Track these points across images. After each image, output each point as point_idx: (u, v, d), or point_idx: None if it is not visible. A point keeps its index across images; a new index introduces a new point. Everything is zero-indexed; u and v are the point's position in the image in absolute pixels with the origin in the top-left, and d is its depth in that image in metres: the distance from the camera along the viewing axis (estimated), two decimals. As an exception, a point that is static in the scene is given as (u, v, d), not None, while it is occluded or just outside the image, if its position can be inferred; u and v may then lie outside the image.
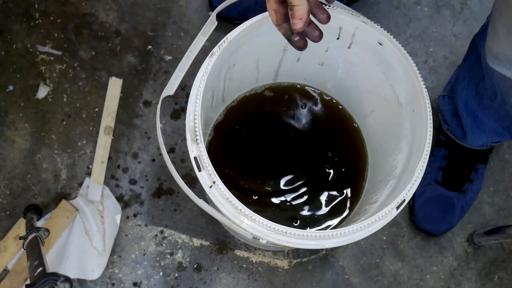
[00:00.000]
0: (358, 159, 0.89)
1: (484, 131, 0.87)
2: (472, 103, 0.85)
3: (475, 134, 0.88)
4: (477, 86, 0.83)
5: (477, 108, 0.85)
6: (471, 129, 0.88)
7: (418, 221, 0.95)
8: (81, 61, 1.00)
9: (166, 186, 0.95)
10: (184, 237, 0.93)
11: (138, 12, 1.03)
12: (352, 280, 0.94)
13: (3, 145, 0.95)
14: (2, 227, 0.92)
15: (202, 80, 0.64)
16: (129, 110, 0.98)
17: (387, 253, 0.96)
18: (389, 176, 0.76)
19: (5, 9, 1.01)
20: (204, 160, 0.60)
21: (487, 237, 0.93)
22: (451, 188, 0.95)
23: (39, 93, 0.98)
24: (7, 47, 0.99)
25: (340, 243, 0.60)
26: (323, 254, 0.95)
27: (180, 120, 0.98)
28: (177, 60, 1.01)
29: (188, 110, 0.63)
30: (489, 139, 0.88)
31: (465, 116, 0.87)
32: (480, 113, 0.85)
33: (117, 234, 0.91)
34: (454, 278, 0.96)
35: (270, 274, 0.93)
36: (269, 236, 0.59)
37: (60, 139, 0.96)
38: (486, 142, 0.90)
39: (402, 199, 0.62)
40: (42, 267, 0.60)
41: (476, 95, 0.84)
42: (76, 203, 0.92)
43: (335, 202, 0.87)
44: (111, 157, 0.95)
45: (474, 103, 0.85)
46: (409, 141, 0.71)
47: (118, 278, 0.91)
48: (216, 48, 0.65)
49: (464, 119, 0.88)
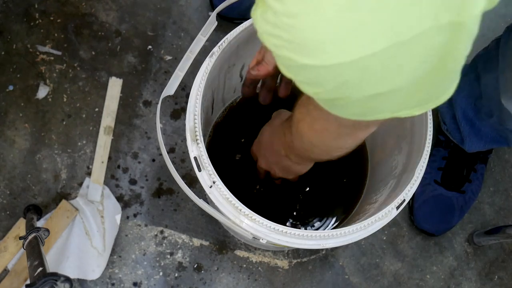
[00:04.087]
0: (358, 159, 0.89)
1: (482, 138, 0.87)
2: (470, 112, 0.86)
3: (472, 141, 0.89)
4: (475, 100, 0.84)
5: (474, 117, 0.85)
6: (469, 136, 0.88)
7: (417, 221, 0.95)
8: (81, 61, 1.00)
9: (166, 186, 0.95)
10: (184, 237, 0.93)
11: (138, 12, 1.03)
12: (352, 280, 0.94)
13: (3, 145, 0.95)
14: (2, 227, 0.92)
15: (202, 80, 0.64)
16: (129, 110, 0.98)
17: (387, 253, 0.96)
18: (389, 176, 0.76)
19: (5, 9, 1.01)
20: (204, 160, 0.60)
21: (487, 237, 0.93)
22: (451, 188, 0.95)
23: (39, 93, 0.98)
24: (7, 47, 0.99)
25: (340, 243, 0.60)
26: (323, 254, 0.95)
27: (180, 120, 0.98)
28: (177, 60, 1.01)
29: (188, 110, 0.63)
30: (486, 145, 0.89)
31: (463, 124, 0.88)
32: (478, 122, 0.85)
33: (117, 234, 0.91)
34: (454, 278, 0.96)
35: (270, 274, 0.93)
36: (269, 236, 0.59)
37: (60, 139, 0.96)
38: (483, 148, 0.90)
39: (402, 199, 0.62)
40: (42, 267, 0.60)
41: (474, 106, 0.85)
42: (76, 203, 0.92)
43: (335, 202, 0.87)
44: (111, 157, 0.95)
45: (472, 112, 0.85)
46: (409, 141, 0.71)
47: (118, 278, 0.91)
48: (216, 48, 0.65)
49: (463, 126, 0.88)
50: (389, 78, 0.33)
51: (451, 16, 0.30)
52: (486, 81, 0.78)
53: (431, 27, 0.30)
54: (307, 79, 0.36)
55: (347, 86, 0.35)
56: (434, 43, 0.31)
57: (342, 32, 0.31)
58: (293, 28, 0.33)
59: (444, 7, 0.29)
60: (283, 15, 0.33)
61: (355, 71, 0.33)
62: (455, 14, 0.30)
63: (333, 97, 0.37)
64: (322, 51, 0.32)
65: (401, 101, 0.36)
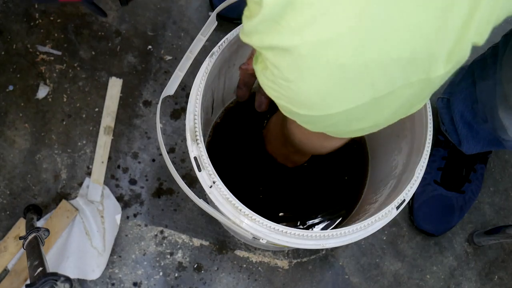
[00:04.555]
0: (358, 159, 0.89)
1: (479, 141, 0.87)
2: (468, 115, 0.86)
3: (470, 143, 0.89)
4: (473, 104, 0.84)
5: (472, 120, 0.86)
6: (467, 138, 0.88)
7: (417, 221, 0.95)
8: (81, 61, 1.00)
9: (166, 186, 0.95)
10: (184, 237, 0.93)
11: (138, 12, 1.03)
12: (352, 280, 0.94)
13: (3, 145, 0.95)
14: (2, 227, 0.92)
15: (202, 80, 0.64)
16: (129, 110, 0.98)
17: (387, 253, 0.96)
18: (389, 176, 0.76)
19: (5, 9, 1.01)
20: (204, 160, 0.60)
21: (487, 237, 0.93)
22: (450, 188, 0.95)
23: (39, 93, 0.98)
24: (7, 47, 0.99)
25: (340, 243, 0.60)
26: (323, 254, 0.95)
27: (180, 120, 0.98)
28: (177, 60, 1.01)
29: (188, 110, 0.63)
30: (484, 148, 0.89)
31: (460, 127, 0.88)
32: (475, 125, 0.85)
33: (117, 234, 0.91)
34: (454, 278, 0.96)
35: (270, 274, 0.93)
36: (269, 236, 0.59)
37: (60, 139, 0.96)
38: (481, 150, 0.90)
39: (402, 199, 0.62)
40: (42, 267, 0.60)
41: (472, 110, 0.85)
42: (76, 203, 0.92)
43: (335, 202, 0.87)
44: (111, 157, 0.95)
45: (470, 115, 0.85)
46: (409, 141, 0.71)
47: (118, 278, 0.91)
48: (216, 48, 0.65)
49: (460, 129, 0.88)
50: (369, 119, 0.42)
51: (419, 76, 0.37)
52: (482, 88, 0.79)
53: (403, 85, 0.37)
54: (301, 120, 0.45)
55: (335, 125, 0.43)
56: (405, 95, 0.39)
57: (333, 93, 0.38)
58: (289, 90, 0.40)
59: (415, 71, 0.37)
60: (280, 79, 0.39)
61: (341, 117, 0.41)
62: (423, 74, 0.37)
63: (323, 131, 0.46)
64: (315, 107, 0.40)
65: (378, 126, 0.45)
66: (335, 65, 0.36)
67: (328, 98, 0.39)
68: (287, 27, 0.35)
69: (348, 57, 0.35)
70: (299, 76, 0.38)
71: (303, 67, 0.37)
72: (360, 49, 0.35)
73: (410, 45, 0.35)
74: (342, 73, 0.36)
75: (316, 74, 0.37)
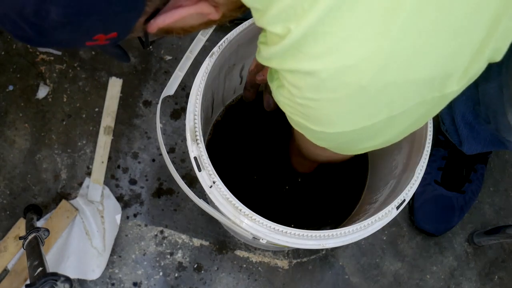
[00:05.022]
0: (358, 159, 0.89)
1: (480, 142, 0.87)
2: (470, 116, 0.86)
3: (471, 144, 0.89)
4: (474, 105, 0.84)
5: (474, 121, 0.85)
6: (467, 139, 0.88)
7: (417, 221, 0.95)
8: (81, 61, 1.00)
9: (166, 186, 0.95)
10: (184, 237, 0.93)
11: (138, 12, 1.03)
12: (352, 280, 0.94)
13: (3, 145, 0.95)
14: (2, 227, 0.92)
15: (202, 80, 0.64)
16: (129, 110, 0.98)
17: (387, 253, 0.96)
18: (389, 176, 0.76)
19: (5, 9, 1.01)
20: (204, 160, 0.60)
21: (487, 237, 0.93)
22: (451, 188, 0.95)
23: (39, 93, 0.98)
24: (7, 47, 0.99)
25: (340, 243, 0.60)
26: (323, 254, 0.95)
27: (180, 120, 0.98)
28: (177, 60, 1.01)
29: (188, 110, 0.63)
30: (485, 148, 0.89)
31: (462, 127, 0.88)
32: (477, 125, 0.85)
33: (117, 234, 0.91)
34: (454, 278, 0.96)
35: (270, 274, 0.93)
36: (269, 236, 0.59)
37: (60, 139, 0.96)
38: (482, 151, 0.90)
39: (402, 199, 0.62)
40: (42, 267, 0.60)
41: (474, 111, 0.85)
42: (76, 203, 0.92)
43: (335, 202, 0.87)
44: (111, 157, 0.95)
45: (471, 116, 0.85)
46: (409, 141, 0.71)
47: (118, 278, 0.91)
48: (216, 48, 0.65)
49: (461, 129, 0.88)
50: (382, 136, 0.43)
51: (434, 94, 0.38)
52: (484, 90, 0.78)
53: (418, 103, 0.39)
54: (314, 136, 0.45)
55: (348, 143, 0.44)
56: (419, 112, 0.40)
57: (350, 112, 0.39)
58: (308, 108, 0.41)
59: (430, 90, 0.38)
60: (299, 98, 0.40)
61: (356, 135, 0.42)
62: (437, 92, 0.38)
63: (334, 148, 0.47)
64: (331, 124, 0.41)
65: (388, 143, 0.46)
66: (355, 87, 0.37)
67: (346, 117, 0.40)
68: (308, 55, 0.37)
69: (368, 80, 0.36)
70: (318, 96, 0.39)
71: (323, 89, 0.38)
72: (380, 73, 0.36)
73: (428, 67, 0.36)
74: (361, 94, 0.37)
75: (336, 94, 0.38)
